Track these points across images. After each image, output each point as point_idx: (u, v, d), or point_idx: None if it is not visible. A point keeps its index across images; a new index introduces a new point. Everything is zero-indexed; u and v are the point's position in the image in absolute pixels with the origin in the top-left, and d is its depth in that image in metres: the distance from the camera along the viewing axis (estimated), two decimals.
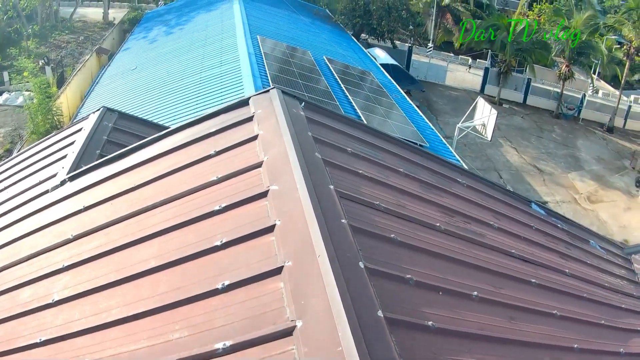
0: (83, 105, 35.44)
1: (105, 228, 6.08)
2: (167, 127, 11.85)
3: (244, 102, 6.77)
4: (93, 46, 53.87)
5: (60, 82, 44.89)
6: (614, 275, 9.77)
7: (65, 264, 5.88)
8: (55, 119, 35.66)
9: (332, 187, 5.26)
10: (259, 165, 5.52)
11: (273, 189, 5.16)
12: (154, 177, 6.29)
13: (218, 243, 4.94)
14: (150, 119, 25.76)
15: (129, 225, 5.90)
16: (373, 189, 5.89)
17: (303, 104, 6.80)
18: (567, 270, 8.06)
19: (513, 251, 7.25)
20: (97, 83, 39.39)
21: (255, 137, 5.95)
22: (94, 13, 73.00)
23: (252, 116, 6.34)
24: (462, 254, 6.12)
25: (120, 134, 10.28)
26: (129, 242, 5.64)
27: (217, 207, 5.23)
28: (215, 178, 5.58)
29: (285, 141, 5.56)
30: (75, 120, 17.81)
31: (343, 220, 4.96)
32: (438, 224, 6.23)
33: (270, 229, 4.84)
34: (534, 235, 8.50)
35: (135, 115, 26.68)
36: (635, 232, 41.77)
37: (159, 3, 73.35)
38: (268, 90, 6.74)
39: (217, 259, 4.89)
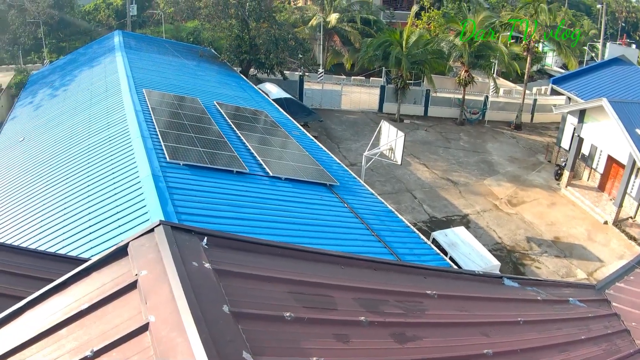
0: None
1: None
2: (38, 252, 9.90)
3: (122, 251, 4.86)
4: None
5: None
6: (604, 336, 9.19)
7: None
8: None
9: None
10: None
11: None
12: None
13: None
14: (37, 212, 23.98)
15: None
16: None
17: (205, 240, 4.92)
18: None
19: None
20: None
21: (145, 327, 4.07)
22: None
23: (135, 282, 4.45)
24: None
25: None
26: None
27: None
28: None
29: (191, 344, 3.70)
30: None
31: None
32: None
33: None
34: (526, 333, 7.45)
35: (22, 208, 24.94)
36: (564, 227, 41.75)
37: (44, 62, 71.21)
38: (153, 229, 4.84)
39: None
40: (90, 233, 19.97)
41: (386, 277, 6.32)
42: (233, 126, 33.68)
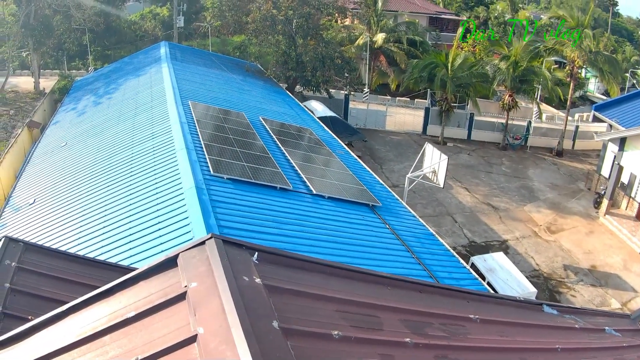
0: (14, 188, 33.02)
1: None
2: (82, 258, 9.89)
3: (171, 262, 4.84)
4: (25, 119, 51.76)
5: None
6: None
7: None
8: None
9: None
10: None
11: None
12: None
13: None
14: (78, 217, 24.12)
15: None
16: None
17: (256, 255, 4.90)
18: None
19: None
20: (28, 162, 37.18)
21: (194, 339, 4.04)
22: (25, 82, 71.39)
23: (185, 293, 4.43)
24: None
25: (28, 276, 7.97)
26: None
27: None
28: None
29: (241, 358, 3.67)
30: None
31: None
32: None
33: None
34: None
35: (56, 225, 24.98)
36: (601, 256, 41.43)
37: (89, 69, 71.75)
38: (204, 242, 4.81)
39: None
40: (131, 241, 20.02)
41: (431, 300, 6.29)
42: (278, 142, 33.72)
